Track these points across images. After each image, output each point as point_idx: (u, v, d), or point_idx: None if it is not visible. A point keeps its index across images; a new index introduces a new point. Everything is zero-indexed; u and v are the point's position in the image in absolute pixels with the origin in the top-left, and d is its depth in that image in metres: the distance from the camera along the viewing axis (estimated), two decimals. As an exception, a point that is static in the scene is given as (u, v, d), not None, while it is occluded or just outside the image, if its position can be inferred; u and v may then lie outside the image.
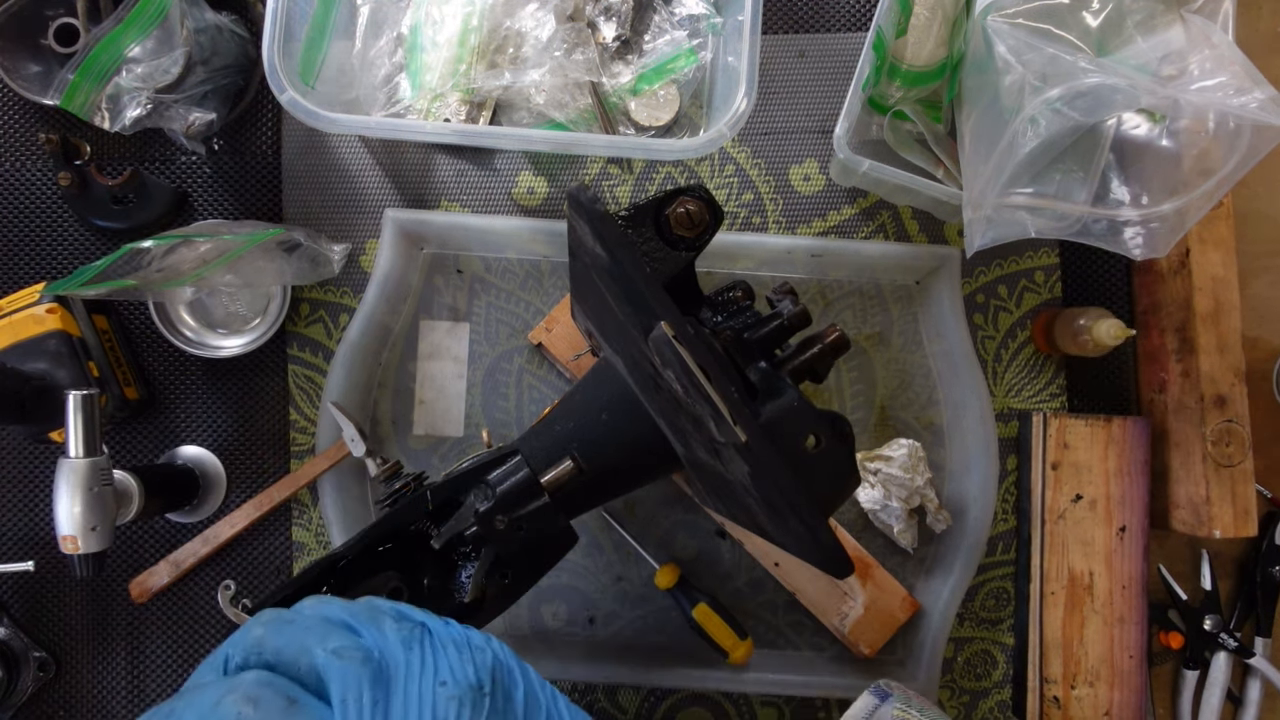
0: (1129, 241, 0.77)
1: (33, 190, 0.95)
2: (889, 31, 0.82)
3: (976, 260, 0.94)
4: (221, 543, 0.91)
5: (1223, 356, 0.85)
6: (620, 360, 0.69)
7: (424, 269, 0.95)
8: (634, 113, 0.92)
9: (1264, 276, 0.94)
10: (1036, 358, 0.95)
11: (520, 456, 0.69)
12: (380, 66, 0.91)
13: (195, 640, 0.93)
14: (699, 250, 0.63)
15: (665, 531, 0.93)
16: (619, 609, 0.93)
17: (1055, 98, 0.69)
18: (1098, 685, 0.89)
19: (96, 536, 0.75)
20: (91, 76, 0.81)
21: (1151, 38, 0.74)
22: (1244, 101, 0.68)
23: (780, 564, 0.90)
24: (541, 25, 0.89)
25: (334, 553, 0.68)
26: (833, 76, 0.96)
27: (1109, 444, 0.90)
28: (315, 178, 0.96)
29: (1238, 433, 0.85)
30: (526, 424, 0.94)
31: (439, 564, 0.70)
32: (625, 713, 0.93)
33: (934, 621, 0.88)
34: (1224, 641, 0.90)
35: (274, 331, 0.91)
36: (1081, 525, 0.90)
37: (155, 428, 0.94)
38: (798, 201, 0.96)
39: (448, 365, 0.94)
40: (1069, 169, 0.78)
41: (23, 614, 0.93)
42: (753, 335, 0.63)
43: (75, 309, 0.85)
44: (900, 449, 0.90)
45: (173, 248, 0.79)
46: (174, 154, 0.96)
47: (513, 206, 0.96)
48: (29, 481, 0.94)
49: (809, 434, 0.56)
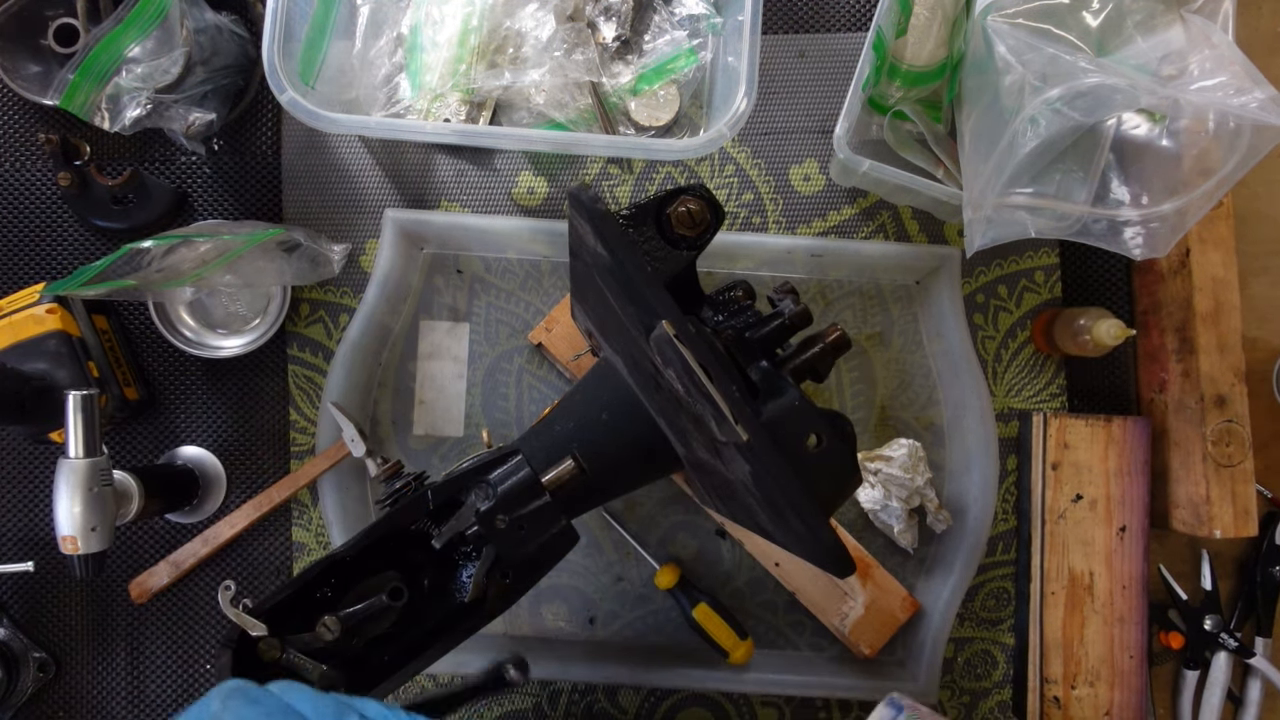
0: (1129, 241, 0.77)
1: (33, 190, 0.95)
2: (889, 31, 0.82)
3: (976, 260, 0.94)
4: (221, 543, 0.91)
5: (1223, 356, 0.85)
6: (621, 360, 0.69)
7: (424, 269, 0.95)
8: (634, 113, 0.92)
9: (1264, 276, 0.94)
10: (1036, 358, 0.95)
11: (521, 456, 0.69)
12: (380, 66, 0.91)
13: (195, 640, 0.93)
14: (700, 249, 0.63)
15: (665, 531, 0.93)
16: (619, 609, 0.93)
17: (1055, 98, 0.70)
18: (1098, 685, 0.89)
19: (96, 537, 0.75)
20: (91, 76, 0.81)
21: (1151, 38, 0.74)
22: (1244, 101, 0.68)
23: (780, 564, 0.90)
24: (541, 25, 0.89)
25: (334, 553, 0.68)
26: (833, 76, 0.96)
27: (1109, 444, 0.90)
28: (315, 178, 0.96)
29: (1238, 433, 0.85)
30: (526, 424, 0.94)
31: (440, 564, 0.70)
32: (625, 713, 0.93)
33: (934, 621, 0.88)
34: (1224, 641, 0.90)
35: (274, 331, 0.91)
36: (1082, 525, 0.90)
37: (155, 428, 0.94)
38: (798, 201, 0.96)
39: (448, 365, 0.94)
40: (1069, 169, 0.78)
41: (23, 614, 0.93)
42: (754, 334, 0.63)
43: (75, 309, 0.85)
44: (900, 449, 0.90)
45: (173, 248, 0.79)
46: (174, 154, 0.96)
47: (513, 206, 0.96)
48: (29, 481, 0.94)
49: (810, 433, 0.56)
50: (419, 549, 0.70)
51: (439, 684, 0.93)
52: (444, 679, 0.93)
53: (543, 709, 0.93)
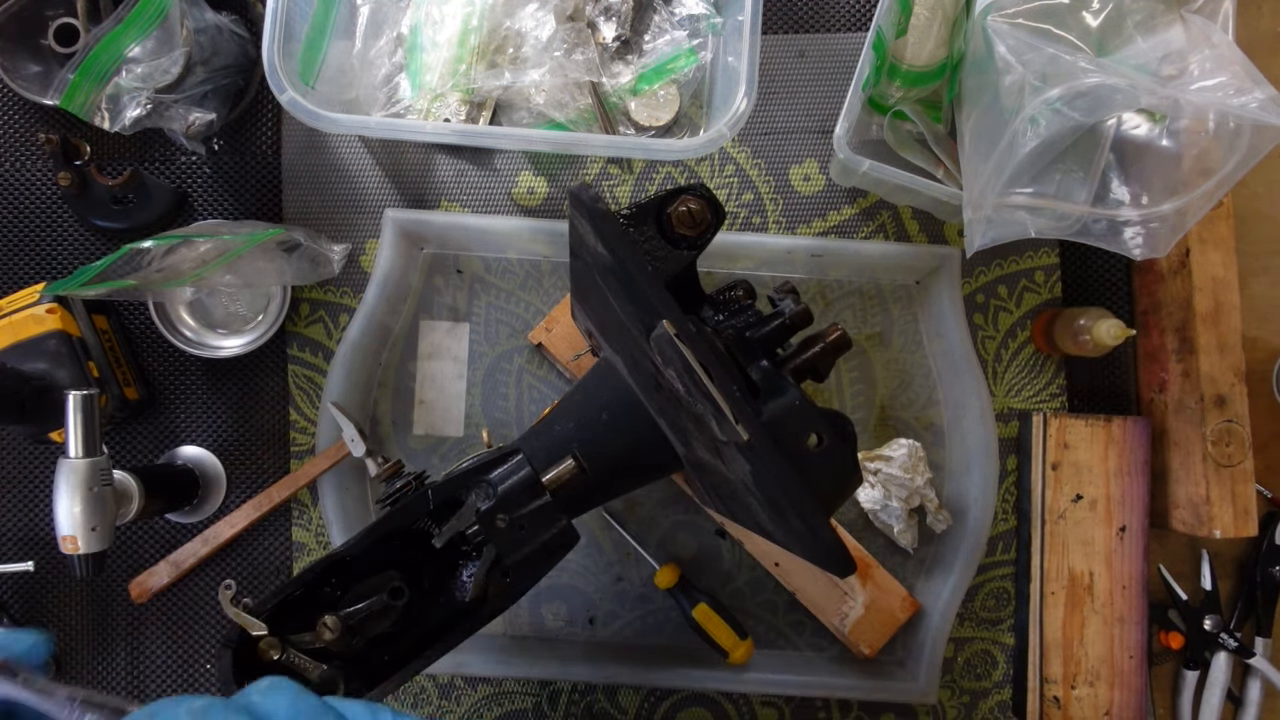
0: (1129, 241, 0.77)
1: (33, 190, 0.95)
2: (889, 31, 0.82)
3: (976, 260, 0.94)
4: (221, 543, 0.91)
5: (1223, 356, 0.85)
6: (621, 360, 0.69)
7: (424, 269, 0.95)
8: (634, 113, 0.92)
9: (1264, 276, 0.95)
10: (1036, 358, 0.95)
11: (521, 456, 0.69)
12: (380, 66, 0.91)
13: (195, 640, 0.93)
14: (701, 249, 0.63)
15: (665, 531, 0.93)
16: (619, 609, 0.93)
17: (1055, 98, 0.70)
18: (1098, 685, 0.89)
19: (96, 537, 0.75)
20: (91, 76, 0.81)
21: (1151, 38, 0.74)
22: (1244, 101, 0.68)
23: (780, 564, 0.90)
24: (541, 25, 0.89)
25: (335, 552, 0.68)
26: (833, 76, 0.96)
27: (1109, 444, 0.90)
28: (315, 178, 0.96)
29: (1238, 433, 0.85)
30: (526, 424, 0.94)
31: (440, 563, 0.70)
32: (625, 713, 0.93)
33: (934, 621, 0.88)
34: (1224, 641, 0.90)
35: (274, 331, 0.91)
36: (1081, 525, 0.90)
37: (155, 428, 0.94)
38: (798, 201, 0.96)
39: (448, 365, 0.94)
40: (1069, 169, 0.78)
41: (23, 614, 0.93)
42: (754, 334, 0.63)
43: (75, 309, 0.85)
44: (900, 449, 0.90)
45: (173, 248, 0.79)
46: (174, 154, 0.96)
47: (513, 206, 0.96)
48: (29, 481, 0.94)
49: (811, 433, 0.56)
50: (419, 549, 0.70)
51: None
52: (443, 678, 0.93)
53: (543, 709, 0.93)
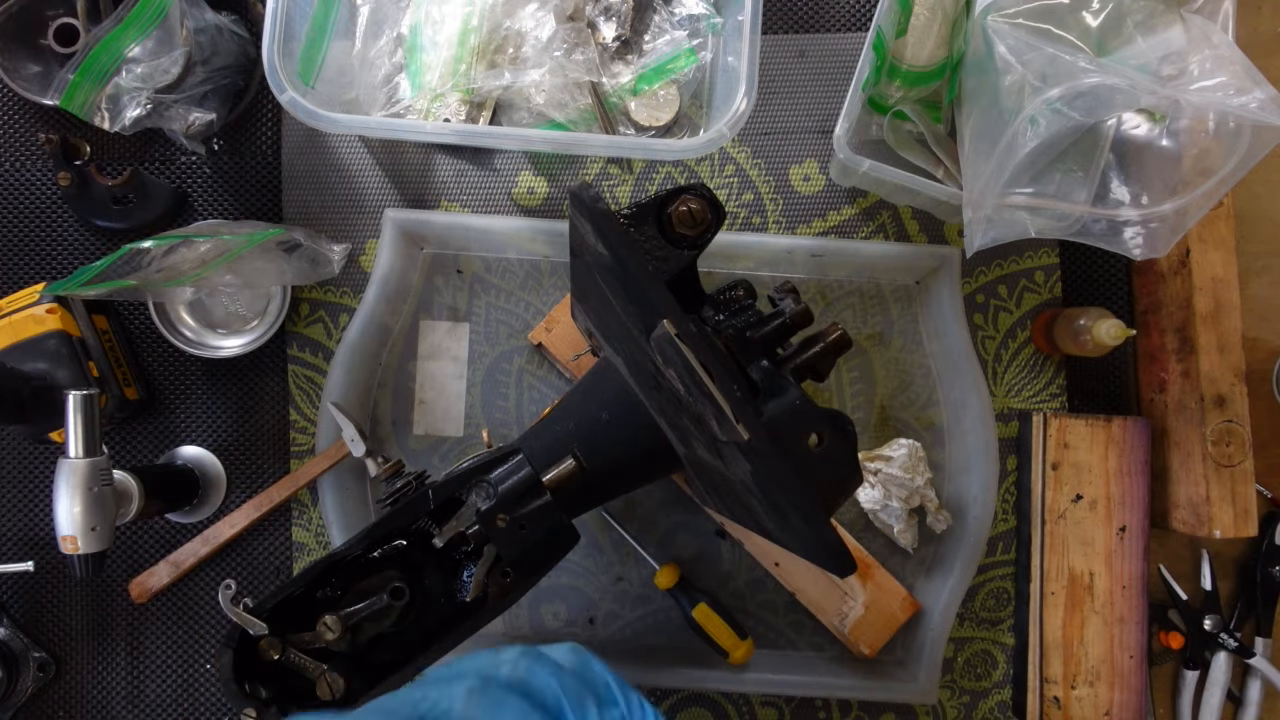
0: (1129, 241, 0.77)
1: (33, 190, 0.95)
2: (889, 31, 0.82)
3: (976, 260, 0.94)
4: (221, 543, 0.91)
5: (1223, 356, 0.85)
6: (621, 360, 0.69)
7: (424, 269, 0.95)
8: (634, 113, 0.92)
9: (1264, 276, 0.95)
10: (1036, 358, 0.95)
11: (521, 455, 0.69)
12: (380, 66, 0.91)
13: (195, 640, 0.93)
14: (701, 249, 0.63)
15: (665, 531, 0.93)
16: (619, 609, 0.93)
17: (1055, 98, 0.70)
18: (1098, 685, 0.89)
19: (96, 537, 0.75)
20: (91, 76, 0.81)
21: (1151, 38, 0.74)
22: (1244, 101, 0.68)
23: (780, 564, 0.90)
24: (541, 25, 0.89)
25: (335, 552, 0.68)
26: (833, 76, 0.96)
27: (1109, 444, 0.90)
28: (315, 178, 0.96)
29: (1238, 433, 0.85)
30: (526, 424, 0.94)
31: (440, 563, 0.70)
32: (625, 713, 0.92)
33: (934, 621, 0.88)
34: (1224, 641, 0.90)
35: (274, 331, 0.91)
36: (1081, 525, 0.90)
37: (155, 428, 0.94)
38: (798, 201, 0.96)
39: (448, 365, 0.94)
40: (1069, 169, 0.78)
41: (23, 614, 0.93)
42: (755, 334, 0.63)
43: (75, 309, 0.85)
44: (900, 449, 0.90)
45: (173, 248, 0.79)
46: (174, 154, 0.96)
47: (513, 206, 0.96)
48: (29, 481, 0.94)
49: (811, 432, 0.56)
50: (420, 548, 0.70)
51: None
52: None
53: (543, 709, 0.92)
